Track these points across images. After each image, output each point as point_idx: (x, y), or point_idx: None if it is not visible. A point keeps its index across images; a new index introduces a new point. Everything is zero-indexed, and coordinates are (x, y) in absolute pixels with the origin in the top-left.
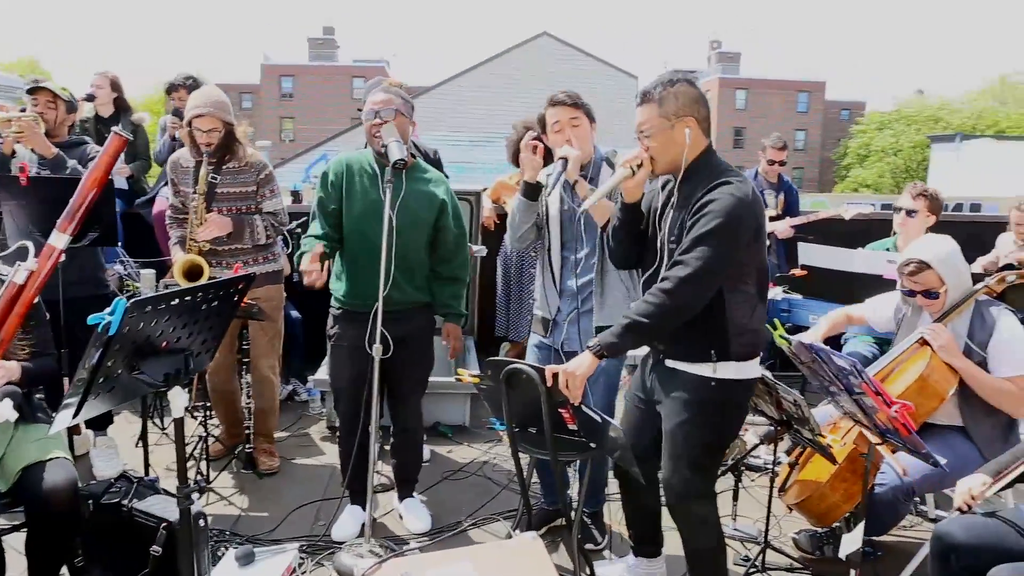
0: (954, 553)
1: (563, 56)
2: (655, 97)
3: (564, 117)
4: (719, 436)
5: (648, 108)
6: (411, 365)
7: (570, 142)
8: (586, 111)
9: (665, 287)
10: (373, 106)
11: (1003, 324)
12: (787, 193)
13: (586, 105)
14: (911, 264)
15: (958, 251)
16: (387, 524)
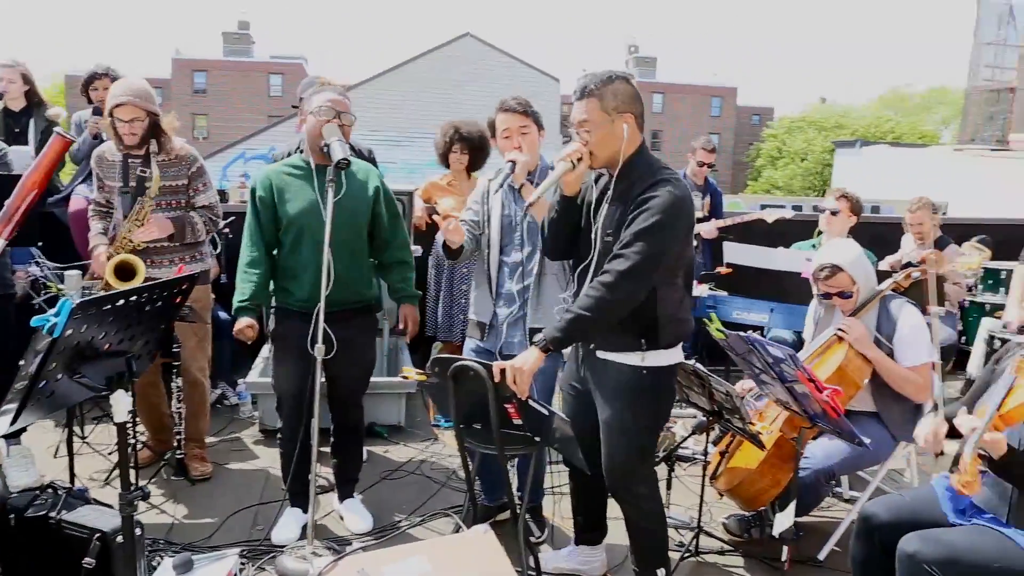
0: (877, 531)
1: (486, 57)
2: (595, 93)
3: (514, 125)
4: (654, 418)
5: (589, 103)
6: (354, 364)
7: (520, 149)
8: (535, 119)
9: (606, 280)
10: (334, 105)
11: (905, 317)
12: (713, 195)
13: (535, 113)
14: (825, 269)
15: (863, 253)
16: (328, 525)
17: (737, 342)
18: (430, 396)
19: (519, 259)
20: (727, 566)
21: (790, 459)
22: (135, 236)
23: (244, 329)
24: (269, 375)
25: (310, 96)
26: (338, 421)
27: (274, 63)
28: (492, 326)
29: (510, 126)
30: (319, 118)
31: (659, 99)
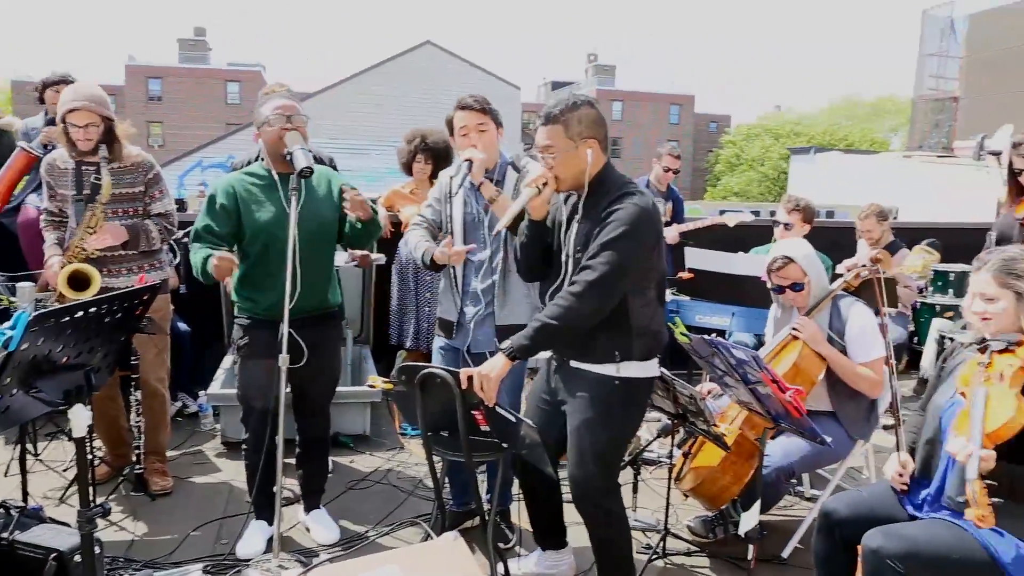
0: (838, 527)
1: (446, 65)
2: (560, 119)
3: (471, 122)
4: (622, 432)
5: (553, 130)
6: (321, 372)
7: (476, 146)
8: (493, 116)
9: (575, 291)
10: (283, 111)
11: (855, 315)
12: (675, 202)
13: (494, 111)
14: (777, 261)
15: (815, 253)
16: (294, 538)
17: (701, 345)
18: (397, 404)
19: (484, 257)
20: (694, 567)
21: (750, 457)
22: (88, 244)
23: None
24: (231, 386)
25: (259, 108)
26: (304, 431)
27: (231, 70)
28: (460, 324)
29: (467, 124)
30: (273, 127)
31: (618, 107)
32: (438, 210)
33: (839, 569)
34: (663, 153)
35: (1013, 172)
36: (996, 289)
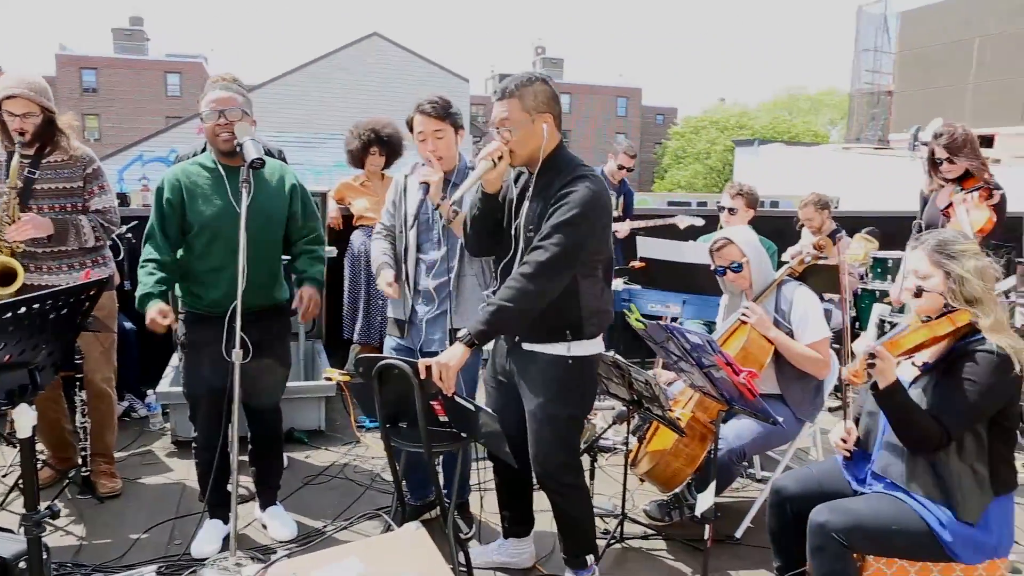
0: (789, 503)
1: (394, 57)
2: (516, 93)
3: (429, 128)
4: (579, 408)
5: (510, 103)
6: (270, 368)
7: (431, 163)
8: (453, 120)
9: (526, 271)
10: (216, 105)
11: (799, 298)
12: (626, 196)
13: (454, 114)
14: (718, 241)
15: (757, 238)
16: (250, 535)
17: (656, 331)
18: (354, 397)
19: (437, 258)
20: (651, 550)
21: (703, 439)
22: (8, 235)
23: (156, 316)
24: (180, 384)
25: (200, 99)
26: (256, 427)
27: (171, 61)
28: (412, 323)
29: (425, 130)
30: (205, 122)
31: (567, 99)
32: (393, 213)
33: (791, 543)
34: (620, 151)
35: (934, 162)
36: (928, 267)
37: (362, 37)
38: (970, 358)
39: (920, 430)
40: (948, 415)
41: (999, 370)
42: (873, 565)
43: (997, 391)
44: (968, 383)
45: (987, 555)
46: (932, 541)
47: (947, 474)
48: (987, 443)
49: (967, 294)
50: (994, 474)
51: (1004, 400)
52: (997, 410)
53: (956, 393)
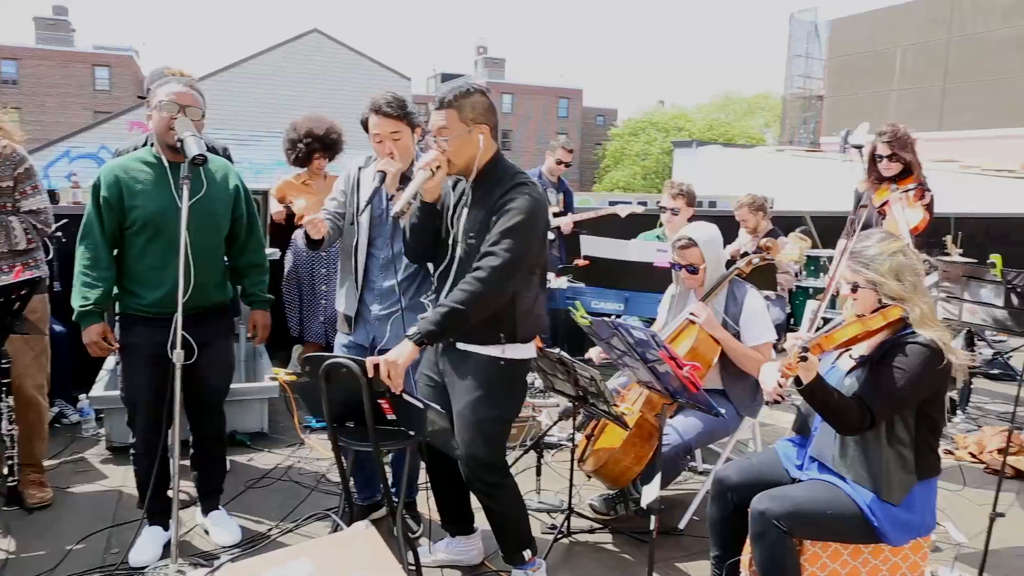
0: (730, 492)
1: (334, 54)
2: (454, 104)
3: (386, 131)
4: (508, 410)
5: (448, 113)
6: (213, 370)
7: (392, 155)
8: (409, 120)
9: (480, 276)
10: (178, 99)
11: (749, 301)
12: (566, 193)
13: (410, 113)
14: (683, 239)
15: (720, 238)
16: (192, 541)
17: (602, 327)
18: (300, 397)
19: (390, 255)
20: (598, 543)
21: (651, 437)
22: None
23: (98, 340)
24: (115, 388)
25: (155, 89)
26: (199, 430)
27: (99, 54)
28: (362, 318)
29: (382, 132)
30: (162, 113)
31: (508, 99)
32: (343, 202)
33: (732, 532)
34: (556, 146)
35: (873, 160)
36: (851, 276)
37: (302, 33)
38: (901, 349)
39: (844, 415)
40: (874, 398)
41: (928, 361)
42: (810, 549)
43: (924, 380)
44: (897, 371)
45: (912, 535)
46: (864, 524)
47: (876, 459)
48: (914, 430)
49: (888, 294)
50: (919, 459)
51: (931, 389)
52: (923, 399)
53: (885, 380)
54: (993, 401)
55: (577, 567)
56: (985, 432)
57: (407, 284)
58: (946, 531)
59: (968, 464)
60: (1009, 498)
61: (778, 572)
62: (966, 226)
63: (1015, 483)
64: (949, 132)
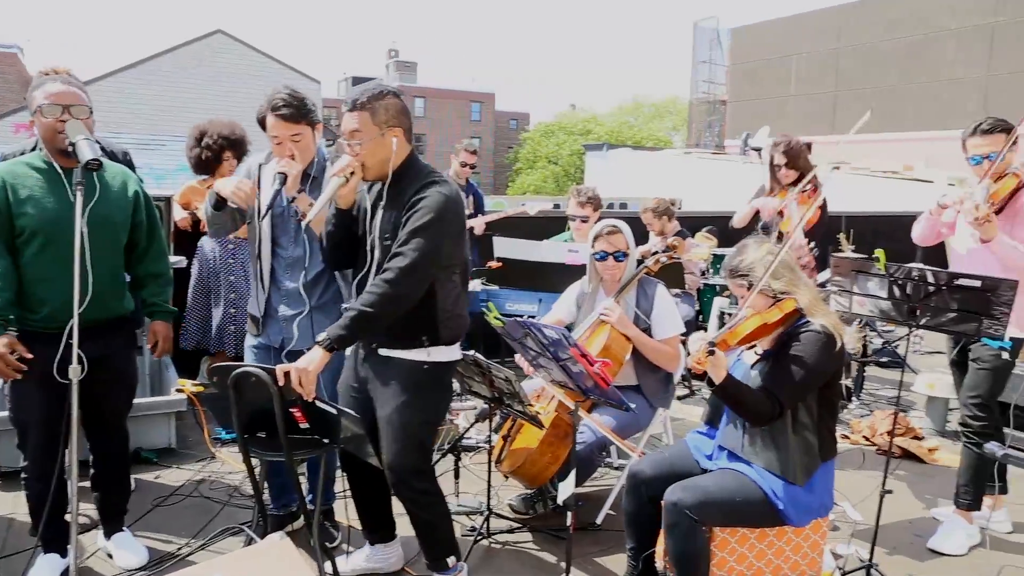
0: (644, 485)
1: (240, 56)
2: (367, 107)
3: (285, 134)
4: (433, 414)
5: (360, 116)
6: (114, 385)
7: (292, 156)
8: (309, 119)
9: (387, 277)
10: (57, 99)
11: (659, 296)
12: (475, 196)
13: (309, 112)
14: (608, 226)
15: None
16: (94, 567)
17: (515, 328)
18: (209, 408)
19: (298, 255)
20: (518, 543)
21: (567, 436)
22: None
23: (5, 354)
24: (3, 409)
25: (32, 92)
26: (99, 449)
27: None
28: (270, 318)
29: (280, 135)
30: (45, 118)
31: (421, 103)
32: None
33: (647, 525)
34: (460, 149)
35: (772, 167)
36: (736, 288)
37: (205, 34)
38: (798, 338)
39: (754, 408)
40: (780, 389)
41: (824, 346)
42: (719, 535)
43: (823, 365)
44: (798, 360)
45: (813, 516)
46: (769, 508)
47: (783, 445)
48: (816, 415)
49: (775, 293)
50: (821, 442)
51: (829, 373)
52: (824, 382)
53: (787, 369)
54: (884, 387)
55: (497, 568)
56: (876, 416)
57: (314, 284)
58: (843, 511)
59: (863, 447)
60: (898, 476)
61: (691, 560)
62: (857, 224)
63: (906, 464)
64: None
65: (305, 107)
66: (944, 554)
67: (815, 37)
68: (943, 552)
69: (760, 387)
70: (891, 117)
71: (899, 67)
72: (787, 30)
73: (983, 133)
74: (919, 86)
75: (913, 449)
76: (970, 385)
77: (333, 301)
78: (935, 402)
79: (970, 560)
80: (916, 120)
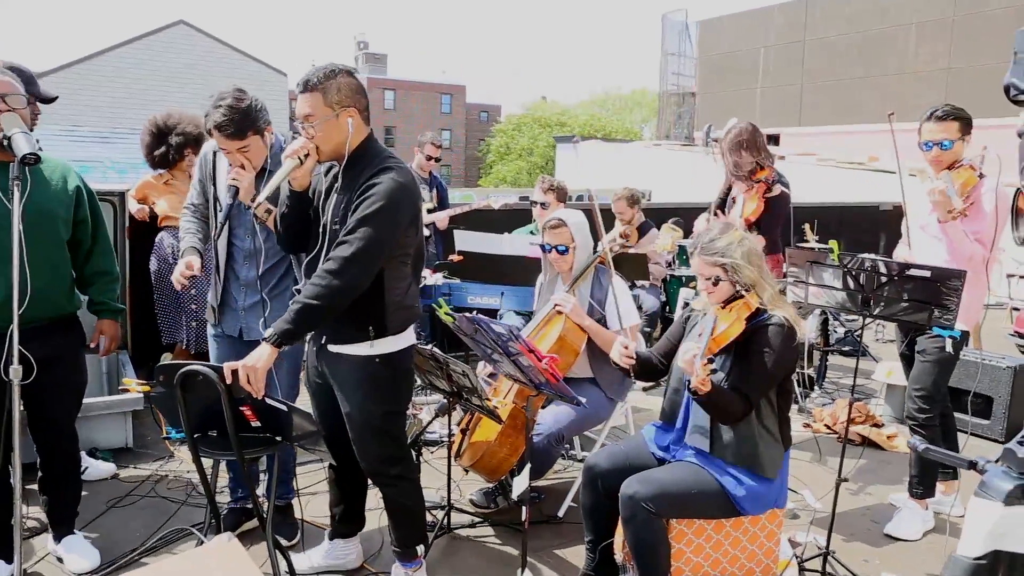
0: (600, 478)
1: (203, 47)
2: (319, 87)
3: (232, 147)
4: (394, 403)
5: (312, 97)
6: (61, 386)
7: (243, 166)
8: (256, 127)
9: (331, 268)
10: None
11: (614, 286)
12: (439, 188)
13: (255, 118)
14: (553, 220)
15: (587, 223)
16: (43, 572)
17: (465, 324)
18: (159, 408)
19: (254, 246)
20: (478, 537)
21: (524, 428)
22: None
23: None
24: None
25: None
26: (46, 453)
27: None
28: (228, 307)
29: (227, 147)
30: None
31: (391, 96)
32: (201, 191)
33: (604, 518)
34: (425, 142)
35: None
36: (708, 268)
37: (167, 25)
38: (762, 333)
39: (730, 409)
40: (749, 386)
41: (787, 339)
42: (676, 527)
43: (786, 358)
44: (763, 355)
45: (768, 506)
46: (725, 500)
47: (749, 439)
48: (776, 406)
49: (744, 280)
50: (783, 432)
51: (791, 366)
52: (785, 375)
53: (754, 365)
54: (846, 375)
55: (457, 562)
56: (838, 404)
57: (271, 275)
58: (803, 499)
59: (824, 435)
60: (857, 464)
61: (648, 551)
62: (823, 214)
63: (866, 451)
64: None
65: (248, 119)
66: (900, 539)
67: (781, 30)
68: (899, 537)
69: (728, 386)
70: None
71: (857, 61)
72: (754, 23)
73: (937, 119)
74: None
75: (872, 436)
76: (915, 377)
77: (289, 290)
78: (894, 390)
79: (926, 544)
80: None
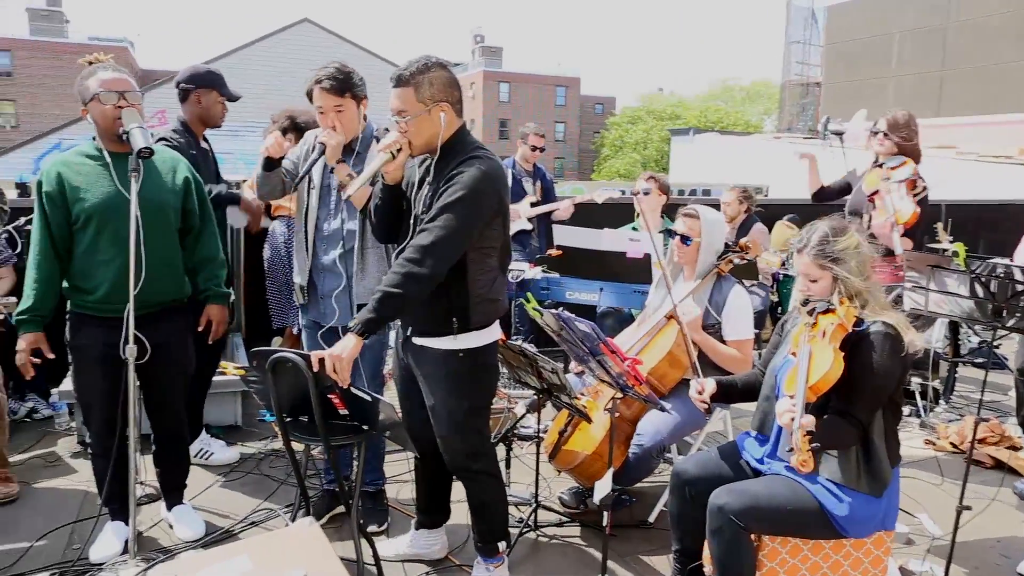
0: (688, 485)
1: (326, 44)
2: (411, 82)
3: (328, 104)
4: (478, 399)
5: (405, 92)
6: (170, 368)
7: (334, 127)
8: (354, 92)
9: (411, 256)
10: (112, 85)
11: (734, 294)
12: (542, 179)
13: (355, 85)
14: (689, 209)
15: (723, 223)
16: (155, 537)
17: (551, 320)
18: (254, 392)
19: (336, 228)
20: (564, 537)
21: (625, 439)
22: None
23: (27, 349)
24: None
25: (83, 81)
26: (158, 428)
27: (95, 45)
28: (315, 291)
29: (323, 104)
30: (103, 105)
31: (505, 88)
32: (295, 162)
33: (692, 527)
34: (527, 133)
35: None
36: (816, 271)
37: (292, 23)
38: (865, 344)
39: (841, 444)
40: (857, 408)
41: (893, 351)
42: (769, 545)
43: (893, 369)
44: (867, 370)
45: (874, 528)
46: (823, 519)
47: (852, 454)
48: (883, 420)
49: (849, 290)
50: (890, 448)
51: (900, 377)
52: (895, 387)
53: (859, 383)
54: (978, 390)
55: (540, 561)
56: (967, 422)
57: (352, 258)
58: (920, 524)
59: (948, 455)
60: (988, 490)
61: (734, 567)
62: (958, 213)
63: (995, 474)
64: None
65: (350, 80)
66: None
67: (920, 13)
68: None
69: (836, 412)
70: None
71: (1012, 43)
72: (888, 7)
73: None
74: None
75: (1007, 459)
76: None
77: (374, 275)
78: None
79: None
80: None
